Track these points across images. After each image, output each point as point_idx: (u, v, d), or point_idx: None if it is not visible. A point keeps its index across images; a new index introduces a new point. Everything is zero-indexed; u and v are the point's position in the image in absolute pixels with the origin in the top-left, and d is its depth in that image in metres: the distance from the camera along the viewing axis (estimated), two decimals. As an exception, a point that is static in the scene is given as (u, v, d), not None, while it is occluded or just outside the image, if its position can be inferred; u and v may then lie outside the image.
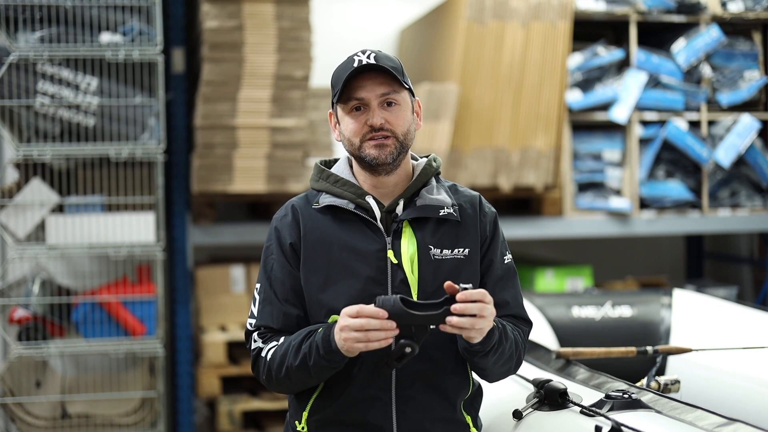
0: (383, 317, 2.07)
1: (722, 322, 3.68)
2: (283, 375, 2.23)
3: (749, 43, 5.81)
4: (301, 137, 4.92)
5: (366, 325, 2.07)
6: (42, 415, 4.64)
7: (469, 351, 2.23)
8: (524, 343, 2.38)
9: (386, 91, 2.25)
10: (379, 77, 2.25)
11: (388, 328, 2.07)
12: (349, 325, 2.09)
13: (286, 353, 2.22)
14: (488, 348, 2.21)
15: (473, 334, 2.13)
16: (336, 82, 2.30)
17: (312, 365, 2.18)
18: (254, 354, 2.31)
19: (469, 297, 2.09)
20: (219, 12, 4.79)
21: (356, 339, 2.09)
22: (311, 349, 2.17)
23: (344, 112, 2.29)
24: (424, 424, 2.28)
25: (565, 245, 6.23)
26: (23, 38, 4.48)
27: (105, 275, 4.78)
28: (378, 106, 2.25)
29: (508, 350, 2.28)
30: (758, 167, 5.73)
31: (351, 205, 2.30)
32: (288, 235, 2.32)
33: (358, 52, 2.28)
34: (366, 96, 2.25)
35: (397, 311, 2.09)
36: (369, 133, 2.25)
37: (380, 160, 2.26)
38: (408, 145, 2.30)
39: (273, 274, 2.32)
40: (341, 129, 2.32)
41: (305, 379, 2.23)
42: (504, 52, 5.23)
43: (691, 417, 2.26)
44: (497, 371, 2.33)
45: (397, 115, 2.27)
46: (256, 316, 2.32)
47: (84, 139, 4.55)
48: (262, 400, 5.04)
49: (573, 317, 3.81)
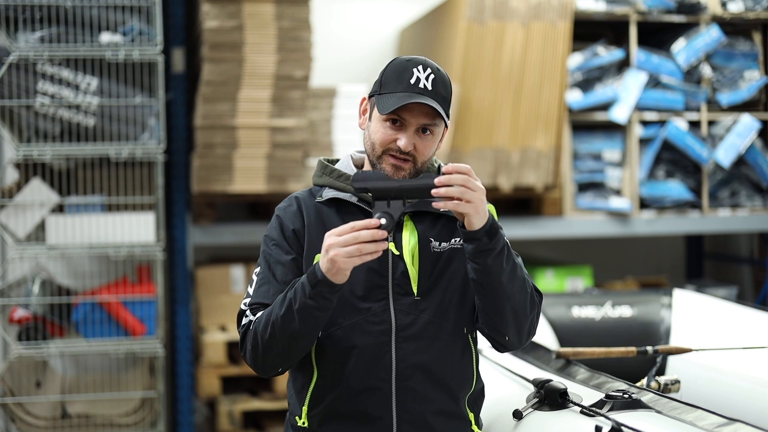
0: (374, 226, 2.04)
1: (722, 322, 3.68)
2: (268, 336, 2.16)
3: (749, 43, 5.81)
4: (301, 137, 4.93)
5: (357, 237, 2.04)
6: (42, 415, 4.64)
7: (478, 252, 2.14)
8: (537, 297, 2.31)
9: (428, 123, 2.25)
10: (427, 107, 2.24)
11: (380, 237, 2.04)
12: (337, 242, 2.05)
13: (272, 310, 2.17)
14: (498, 245, 2.14)
15: (467, 209, 2.08)
16: (386, 83, 2.27)
17: (297, 308, 2.11)
18: (243, 330, 2.26)
19: (455, 169, 2.08)
20: (219, 12, 4.79)
21: (347, 254, 2.04)
22: (296, 292, 2.12)
23: (381, 117, 2.27)
24: (425, 416, 2.27)
25: (565, 245, 6.23)
26: (23, 38, 4.49)
27: (105, 275, 4.78)
28: (414, 132, 2.25)
29: (520, 271, 2.22)
30: (758, 167, 5.73)
31: (354, 198, 2.32)
32: (291, 222, 2.32)
33: (419, 66, 2.25)
34: (408, 119, 2.24)
35: (378, 177, 2.10)
36: (394, 151, 2.25)
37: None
38: (423, 170, 2.30)
39: (272, 258, 2.31)
40: (370, 128, 2.31)
41: (291, 333, 2.14)
42: (504, 52, 5.23)
43: (691, 417, 2.26)
44: (515, 298, 2.21)
45: (426, 144, 2.27)
46: (252, 295, 2.29)
47: (84, 139, 4.55)
48: (262, 400, 5.05)
49: (573, 317, 3.82)
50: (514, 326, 2.26)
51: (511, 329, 2.26)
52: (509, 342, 2.29)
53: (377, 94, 2.29)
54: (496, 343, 2.32)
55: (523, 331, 2.28)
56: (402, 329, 2.26)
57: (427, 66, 2.26)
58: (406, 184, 2.12)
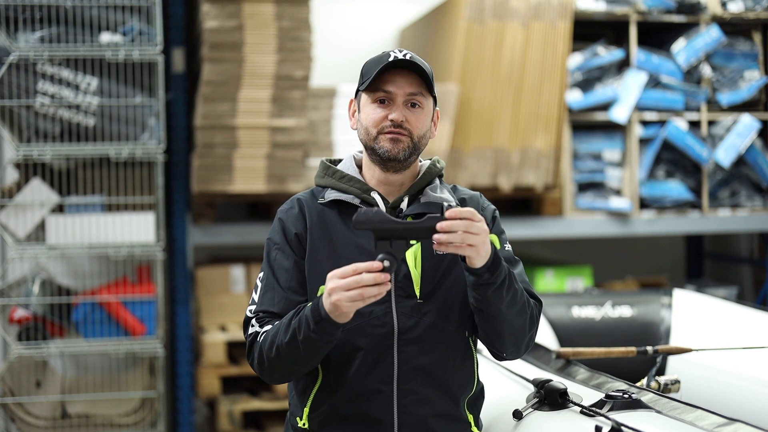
0: (377, 269, 2.02)
1: (722, 322, 3.68)
2: (274, 355, 2.18)
3: (749, 43, 5.81)
4: (301, 137, 4.92)
5: (360, 281, 2.02)
6: (42, 415, 4.64)
7: (478, 285, 2.15)
8: (536, 311, 2.32)
9: (414, 92, 2.28)
10: (411, 76, 2.28)
11: (382, 281, 2.02)
12: (340, 285, 2.03)
13: (277, 332, 2.18)
14: (499, 278, 2.14)
15: (469, 252, 2.07)
16: (367, 71, 2.31)
17: (302, 339, 2.12)
18: (250, 340, 2.27)
19: (457, 214, 2.05)
20: (219, 12, 4.79)
21: (350, 298, 2.02)
22: (300, 323, 2.12)
23: (369, 100, 2.30)
24: (426, 419, 2.27)
25: (565, 245, 6.23)
26: (23, 38, 4.49)
27: (105, 275, 4.78)
28: (402, 104, 2.28)
29: (520, 298, 2.22)
30: (758, 167, 5.73)
31: (356, 200, 2.32)
32: (293, 226, 2.33)
33: (395, 50, 2.31)
34: (394, 91, 2.27)
35: (380, 218, 2.03)
36: (388, 126, 2.27)
37: (392, 154, 2.27)
38: (420, 148, 2.32)
39: (276, 263, 2.31)
40: (360, 117, 2.33)
41: (296, 358, 2.17)
42: (504, 52, 5.23)
43: (691, 417, 2.26)
44: (514, 323, 2.23)
45: (418, 117, 2.29)
46: (257, 302, 2.31)
47: (84, 139, 4.55)
48: (262, 400, 5.05)
49: (573, 317, 3.81)
50: (513, 345, 2.29)
51: (510, 347, 2.30)
52: (507, 356, 2.33)
53: (361, 84, 2.33)
54: (494, 353, 2.35)
55: (521, 347, 2.32)
56: (404, 332, 2.25)
57: (402, 49, 2.31)
58: (410, 225, 2.05)
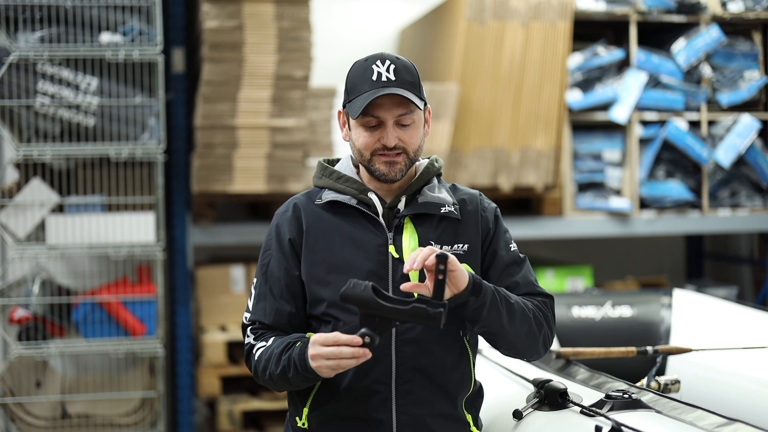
0: (357, 344, 2.07)
1: (722, 322, 3.68)
2: (267, 378, 2.27)
3: (749, 43, 5.81)
4: (301, 137, 4.92)
5: (339, 354, 2.08)
6: (42, 415, 4.64)
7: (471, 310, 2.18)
8: (544, 312, 2.33)
9: (403, 112, 2.26)
10: (398, 97, 2.25)
11: (360, 355, 2.08)
12: (320, 353, 2.11)
13: (269, 359, 2.25)
14: (487, 297, 2.17)
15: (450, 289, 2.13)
16: (352, 89, 2.28)
17: (291, 377, 2.21)
18: (247, 349, 2.35)
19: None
20: (219, 12, 4.79)
21: (328, 366, 2.11)
22: (290, 363, 2.20)
23: (357, 123, 2.28)
24: (425, 419, 2.28)
25: (565, 245, 6.23)
26: (23, 38, 4.48)
27: (105, 275, 4.78)
28: (393, 125, 2.26)
29: (517, 306, 2.24)
30: (758, 167, 5.73)
31: (353, 201, 2.32)
32: (287, 231, 2.33)
33: (377, 61, 2.26)
34: (383, 115, 2.25)
35: (366, 298, 2.05)
36: (381, 149, 2.27)
37: (389, 177, 2.29)
38: (417, 159, 2.33)
39: (270, 270, 2.34)
40: (352, 137, 2.32)
41: (288, 386, 2.28)
42: (504, 52, 5.23)
43: (691, 417, 2.26)
44: (520, 331, 2.25)
45: (411, 133, 2.28)
46: (251, 310, 2.37)
47: (84, 139, 4.55)
48: (262, 400, 5.04)
49: (573, 317, 3.81)
50: (528, 350, 2.34)
51: (527, 353, 2.36)
52: (530, 359, 2.42)
53: (347, 102, 2.30)
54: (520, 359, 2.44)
55: (538, 348, 2.35)
56: (402, 332, 2.26)
57: (385, 59, 2.27)
58: (396, 309, 2.06)
